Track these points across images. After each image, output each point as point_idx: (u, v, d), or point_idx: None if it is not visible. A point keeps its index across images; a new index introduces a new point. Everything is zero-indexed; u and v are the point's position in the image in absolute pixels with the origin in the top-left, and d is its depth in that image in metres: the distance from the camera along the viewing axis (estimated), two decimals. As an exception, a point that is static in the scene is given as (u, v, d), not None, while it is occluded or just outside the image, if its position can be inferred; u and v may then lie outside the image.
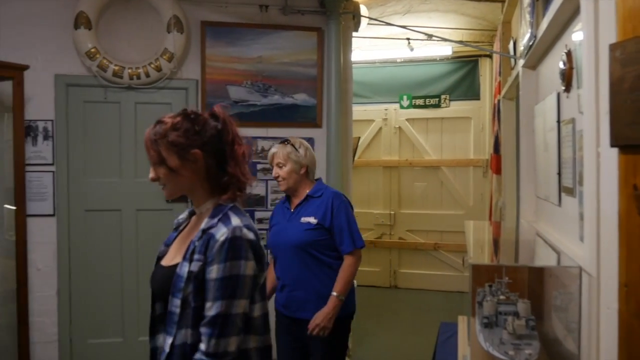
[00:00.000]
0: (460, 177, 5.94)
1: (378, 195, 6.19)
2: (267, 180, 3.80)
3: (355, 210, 2.50)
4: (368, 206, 6.14)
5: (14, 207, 3.29)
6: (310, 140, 3.77)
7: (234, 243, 1.31)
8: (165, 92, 3.67)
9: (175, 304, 1.34)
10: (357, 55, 5.28)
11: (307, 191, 2.39)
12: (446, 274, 5.92)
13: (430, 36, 3.67)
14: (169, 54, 3.55)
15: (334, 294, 2.24)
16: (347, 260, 2.29)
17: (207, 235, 1.34)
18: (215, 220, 1.37)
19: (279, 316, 2.40)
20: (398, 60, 6.04)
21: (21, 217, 3.29)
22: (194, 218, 1.54)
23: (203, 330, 1.29)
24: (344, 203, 2.36)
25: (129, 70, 3.52)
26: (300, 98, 3.82)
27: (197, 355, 1.29)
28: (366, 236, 5.99)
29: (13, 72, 3.18)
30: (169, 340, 1.35)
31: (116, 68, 3.50)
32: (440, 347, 2.81)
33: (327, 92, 3.77)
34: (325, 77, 3.78)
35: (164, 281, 1.42)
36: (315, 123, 3.83)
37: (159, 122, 1.41)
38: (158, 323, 1.46)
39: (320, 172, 3.80)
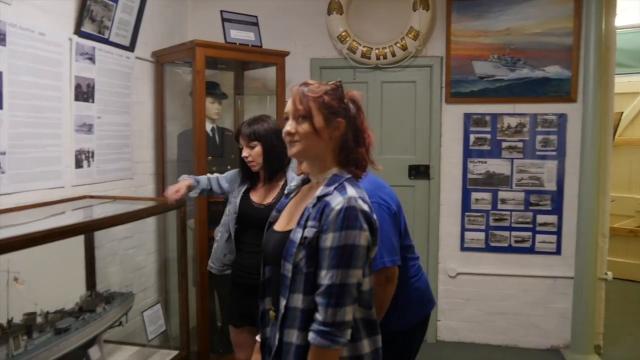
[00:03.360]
0: None
1: (641, 178, 5.92)
2: (512, 159, 4.11)
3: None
4: (629, 190, 5.91)
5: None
6: (562, 117, 3.97)
7: (350, 212, 1.44)
8: (410, 71, 4.22)
9: (287, 268, 1.51)
10: (622, 19, 5.11)
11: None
12: None
13: None
14: (415, 32, 4.08)
15: None
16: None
17: (322, 203, 1.49)
18: (332, 188, 1.51)
19: None
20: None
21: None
22: (306, 186, 1.71)
23: (319, 299, 1.43)
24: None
25: (376, 51, 4.16)
26: (553, 70, 4.00)
27: (315, 326, 1.42)
28: (626, 223, 5.83)
29: (277, 59, 4.04)
30: (283, 302, 1.53)
31: (364, 49, 4.18)
32: None
33: (584, 62, 3.86)
34: (582, 46, 3.88)
35: (276, 246, 1.60)
36: (569, 97, 3.97)
37: (308, 83, 1.59)
38: (266, 287, 1.67)
39: (573, 153, 3.98)
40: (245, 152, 2.60)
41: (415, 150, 4.28)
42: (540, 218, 4.12)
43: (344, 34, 4.17)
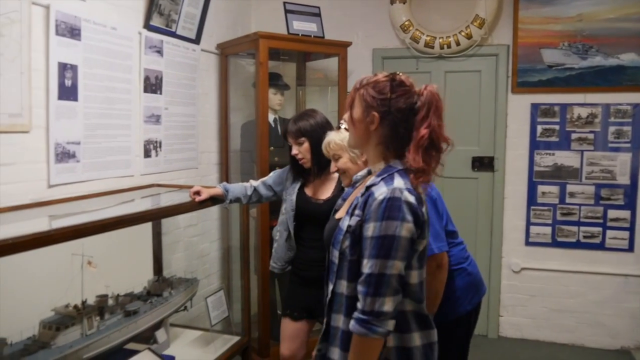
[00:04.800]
0: None
1: None
2: (582, 151, 3.95)
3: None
4: None
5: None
6: (637, 107, 3.78)
7: (392, 203, 1.44)
8: (475, 60, 4.12)
9: (334, 254, 1.58)
10: None
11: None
12: None
13: None
14: (480, 20, 3.98)
15: None
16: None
17: (368, 193, 1.51)
18: (379, 179, 1.52)
19: None
20: None
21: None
22: (369, 176, 1.72)
23: (359, 287, 1.45)
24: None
25: (440, 40, 4.08)
26: (628, 58, 3.80)
27: (355, 313, 1.45)
28: None
29: (339, 49, 4.03)
30: (330, 286, 1.61)
31: (428, 38, 4.11)
32: None
33: (663, 49, 3.68)
34: (661, 32, 3.69)
35: (329, 232, 1.68)
36: (646, 86, 3.78)
37: (374, 75, 1.60)
38: (329, 271, 1.69)
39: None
40: (294, 150, 2.59)
41: (479, 142, 4.19)
42: (612, 213, 3.94)
43: (406, 23, 4.12)
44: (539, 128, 4.04)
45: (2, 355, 1.96)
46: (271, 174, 2.78)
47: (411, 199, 1.46)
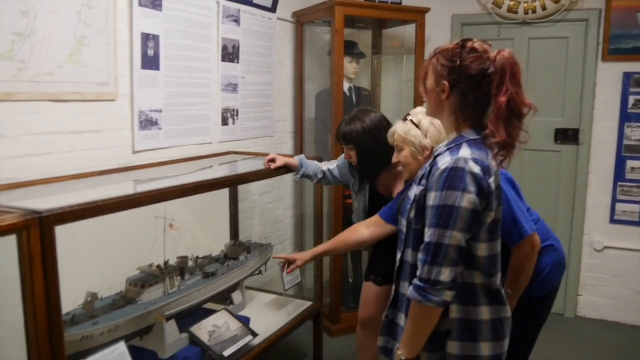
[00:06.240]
0: None
1: None
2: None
3: None
4: None
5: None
6: None
7: (454, 173, 1.42)
8: (563, 26, 3.90)
9: (403, 223, 1.64)
10: None
11: None
12: None
13: None
14: (570, -17, 3.77)
15: None
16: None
17: (434, 162, 1.52)
18: (445, 148, 1.52)
19: None
20: None
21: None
22: None
23: (419, 256, 1.47)
24: None
25: (525, 5, 3.89)
26: None
27: (414, 281, 1.47)
28: None
29: (416, 16, 3.93)
30: (399, 255, 1.65)
31: (511, 3, 3.93)
32: None
33: None
34: None
35: (401, 203, 1.74)
36: None
37: (443, 46, 1.58)
38: (399, 240, 1.72)
39: None
40: (345, 154, 2.56)
41: (564, 113, 4.00)
42: None
43: (489, -13, 3.96)
44: (631, 99, 3.79)
45: (95, 308, 2.12)
46: (339, 161, 2.71)
47: (476, 169, 1.43)
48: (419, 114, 2.11)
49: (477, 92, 1.48)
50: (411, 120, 2.10)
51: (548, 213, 4.04)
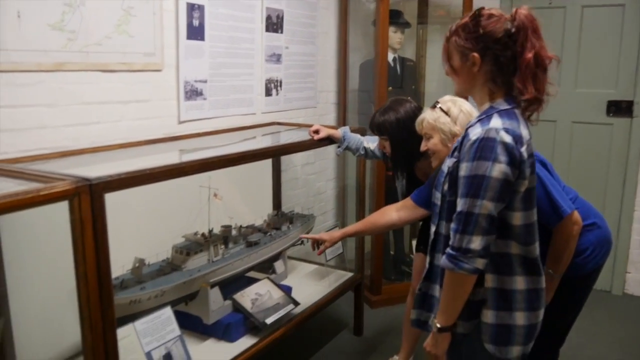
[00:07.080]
0: None
1: None
2: None
3: None
4: None
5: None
6: None
7: (485, 143, 1.42)
8: (620, -9, 3.72)
9: (437, 196, 1.66)
10: None
11: None
12: None
13: None
14: (629, -54, 3.56)
15: None
16: None
17: (465, 134, 1.52)
18: (476, 120, 1.52)
19: None
20: None
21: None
22: None
23: (452, 225, 1.49)
24: None
25: (579, -29, 3.73)
26: None
27: (447, 249, 1.48)
28: None
29: (464, -17, 3.83)
30: (433, 228, 1.66)
31: (565, -31, 3.77)
32: None
33: None
34: None
35: (435, 176, 1.74)
36: None
37: (458, 22, 1.58)
38: (433, 213, 1.73)
39: None
40: (379, 144, 2.53)
41: (617, 84, 3.82)
42: None
43: (542, -48, 3.79)
44: (691, 69, 3.60)
45: (142, 273, 2.18)
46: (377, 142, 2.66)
47: (507, 139, 1.42)
48: (448, 101, 2.10)
49: (506, 53, 1.48)
50: (440, 107, 2.09)
51: (596, 187, 3.92)
